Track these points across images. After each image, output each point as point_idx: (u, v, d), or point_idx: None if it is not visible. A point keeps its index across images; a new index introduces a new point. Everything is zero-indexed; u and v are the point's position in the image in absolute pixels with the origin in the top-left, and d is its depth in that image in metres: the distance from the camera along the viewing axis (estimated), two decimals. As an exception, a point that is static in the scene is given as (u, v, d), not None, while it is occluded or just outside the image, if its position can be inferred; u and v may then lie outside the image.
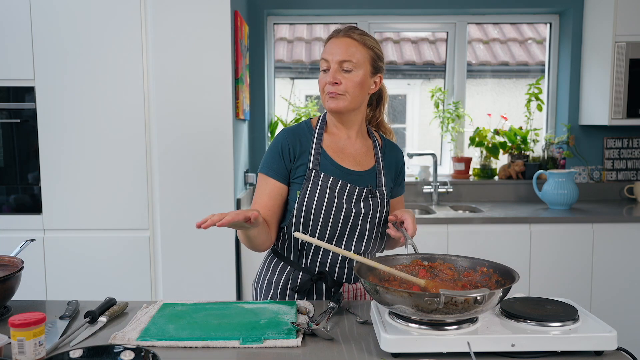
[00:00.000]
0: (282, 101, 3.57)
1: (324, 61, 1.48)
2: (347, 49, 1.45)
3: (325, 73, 1.48)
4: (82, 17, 2.49)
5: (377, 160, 1.56)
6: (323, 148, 1.51)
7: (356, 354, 1.11)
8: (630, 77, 3.00)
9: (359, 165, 1.53)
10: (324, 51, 1.49)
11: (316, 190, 1.45)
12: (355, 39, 1.47)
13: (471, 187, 3.45)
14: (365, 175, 1.52)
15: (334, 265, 1.50)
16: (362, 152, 1.56)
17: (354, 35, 1.47)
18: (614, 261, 2.83)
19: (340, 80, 1.45)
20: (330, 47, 1.48)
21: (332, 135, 1.54)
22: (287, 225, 1.50)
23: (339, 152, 1.52)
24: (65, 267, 2.58)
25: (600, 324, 1.12)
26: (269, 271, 1.57)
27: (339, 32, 1.49)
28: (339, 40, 1.47)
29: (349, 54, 1.45)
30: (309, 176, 1.46)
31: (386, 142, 1.64)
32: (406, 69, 3.74)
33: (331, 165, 1.49)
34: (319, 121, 1.56)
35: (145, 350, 1.03)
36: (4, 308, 1.37)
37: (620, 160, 3.46)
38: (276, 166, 1.49)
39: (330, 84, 1.45)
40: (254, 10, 3.35)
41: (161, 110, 2.53)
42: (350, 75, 1.45)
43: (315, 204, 1.44)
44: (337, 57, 1.45)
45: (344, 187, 1.47)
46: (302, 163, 1.49)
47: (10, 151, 2.58)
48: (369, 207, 1.49)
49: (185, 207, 2.55)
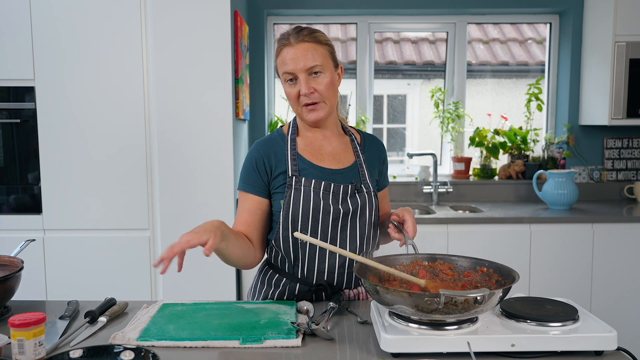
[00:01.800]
0: (282, 101, 3.57)
1: (287, 74, 1.41)
2: (307, 54, 1.39)
3: (292, 84, 1.42)
4: (82, 17, 2.49)
5: (357, 155, 1.53)
6: (299, 152, 1.48)
7: (356, 354, 1.11)
8: (630, 77, 3.00)
9: (339, 163, 1.50)
10: (283, 63, 1.41)
11: (300, 196, 1.41)
12: (309, 41, 1.40)
13: (471, 187, 3.45)
14: (347, 172, 1.49)
15: (333, 272, 1.45)
16: (340, 149, 1.53)
17: (306, 38, 1.40)
18: (614, 261, 2.83)
19: (313, 88, 1.41)
20: (288, 57, 1.40)
21: (305, 138, 1.51)
22: (274, 238, 1.46)
23: (316, 153, 1.49)
24: (65, 267, 2.58)
25: (600, 324, 1.12)
26: (264, 285, 1.52)
27: (287, 39, 1.41)
28: (295, 48, 1.40)
29: (312, 58, 1.39)
30: (289, 183, 1.42)
31: (365, 136, 1.61)
32: (406, 69, 3.74)
33: (310, 167, 1.46)
34: (289, 127, 1.52)
35: (145, 350, 1.04)
36: (4, 308, 1.37)
37: (620, 160, 3.46)
38: (252, 180, 1.46)
39: (307, 94, 1.40)
40: (254, 10, 3.35)
41: (161, 110, 2.53)
42: (321, 78, 1.41)
43: (301, 210, 1.40)
44: (301, 65, 1.39)
45: (327, 188, 1.43)
46: (280, 172, 1.45)
47: (10, 151, 2.59)
48: (357, 204, 1.45)
49: (185, 207, 2.55)
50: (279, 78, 1.48)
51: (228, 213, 2.55)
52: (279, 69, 1.45)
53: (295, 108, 1.47)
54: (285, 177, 1.44)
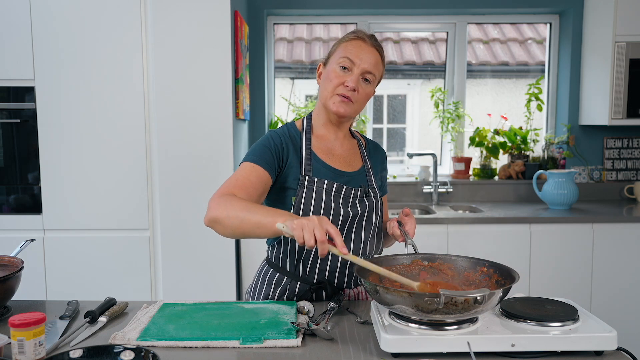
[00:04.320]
0: (282, 101, 3.57)
1: (347, 60, 1.42)
2: (372, 60, 1.43)
3: (344, 72, 1.43)
4: (82, 17, 2.49)
5: (364, 160, 1.55)
6: (313, 151, 1.48)
7: (356, 354, 1.11)
8: (630, 77, 3.00)
9: (349, 166, 1.51)
10: (350, 51, 1.43)
11: (312, 196, 1.41)
12: (380, 55, 1.47)
13: (471, 187, 3.45)
14: (356, 176, 1.50)
15: (334, 272, 1.45)
16: (350, 152, 1.54)
17: (377, 48, 1.46)
18: (614, 261, 2.83)
19: (358, 89, 1.43)
20: (358, 51, 1.43)
21: (319, 137, 1.51)
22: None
23: (329, 153, 1.50)
24: (65, 267, 2.58)
25: (600, 324, 1.12)
26: (264, 284, 1.52)
27: (362, 36, 1.45)
28: (369, 48, 1.44)
29: (375, 67, 1.44)
30: (302, 182, 1.41)
31: (369, 142, 1.63)
32: (406, 69, 3.74)
33: (324, 168, 1.46)
34: (303, 124, 1.52)
35: (145, 350, 1.03)
36: (4, 308, 1.37)
37: (620, 160, 3.46)
38: (266, 158, 1.40)
39: (349, 88, 1.42)
40: (254, 10, 3.35)
41: (161, 110, 2.53)
42: (367, 87, 1.45)
43: (312, 211, 1.40)
44: (364, 65, 1.42)
45: (339, 190, 1.43)
46: (293, 166, 1.44)
47: (10, 151, 2.59)
48: (365, 208, 1.47)
49: (185, 207, 2.55)
50: (327, 59, 1.48)
51: (228, 213, 2.54)
52: (338, 52, 1.45)
53: (325, 93, 1.45)
54: (297, 172, 1.43)
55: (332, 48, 1.49)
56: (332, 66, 1.45)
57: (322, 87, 1.48)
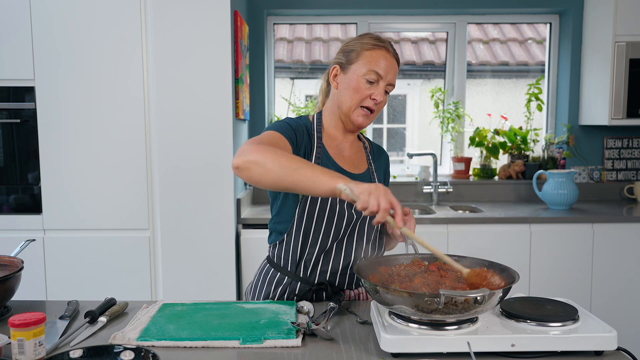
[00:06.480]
0: (282, 101, 3.57)
1: (375, 74, 1.41)
2: (393, 72, 1.44)
3: (371, 85, 1.42)
4: (82, 17, 2.49)
5: (369, 163, 1.56)
6: (324, 146, 1.49)
7: (356, 354, 1.11)
8: (630, 77, 3.00)
9: (356, 168, 1.51)
10: (376, 64, 1.41)
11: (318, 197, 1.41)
12: (397, 63, 1.46)
13: (471, 187, 3.45)
14: (362, 178, 1.50)
15: (335, 273, 1.46)
16: (357, 155, 1.55)
17: (397, 59, 1.46)
18: (614, 261, 2.83)
19: (381, 101, 1.44)
20: (384, 63, 1.42)
21: (329, 136, 1.52)
22: (287, 233, 1.45)
23: (338, 153, 1.50)
24: (65, 267, 2.58)
25: (600, 324, 1.12)
26: (264, 283, 1.52)
27: (385, 45, 1.44)
28: (391, 59, 1.44)
29: (394, 77, 1.46)
30: None
31: (373, 146, 1.64)
32: (406, 69, 3.74)
33: (333, 167, 1.46)
34: (314, 121, 1.51)
35: (145, 350, 1.03)
36: (4, 308, 1.37)
37: (620, 160, 3.46)
38: (289, 133, 1.40)
39: (376, 102, 1.43)
40: (254, 10, 3.35)
41: (161, 110, 2.53)
42: (386, 96, 1.46)
43: (317, 210, 1.41)
44: (389, 77, 1.43)
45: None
46: (305, 155, 1.44)
47: (10, 151, 2.59)
48: None
49: (185, 207, 2.55)
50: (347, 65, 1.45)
51: (228, 213, 2.55)
52: (362, 61, 1.42)
53: (350, 103, 1.44)
54: None
55: (351, 52, 1.45)
56: (356, 76, 1.43)
57: (343, 95, 1.45)
